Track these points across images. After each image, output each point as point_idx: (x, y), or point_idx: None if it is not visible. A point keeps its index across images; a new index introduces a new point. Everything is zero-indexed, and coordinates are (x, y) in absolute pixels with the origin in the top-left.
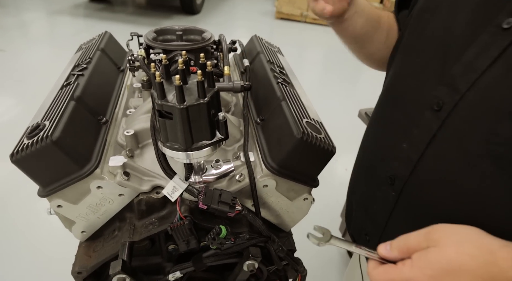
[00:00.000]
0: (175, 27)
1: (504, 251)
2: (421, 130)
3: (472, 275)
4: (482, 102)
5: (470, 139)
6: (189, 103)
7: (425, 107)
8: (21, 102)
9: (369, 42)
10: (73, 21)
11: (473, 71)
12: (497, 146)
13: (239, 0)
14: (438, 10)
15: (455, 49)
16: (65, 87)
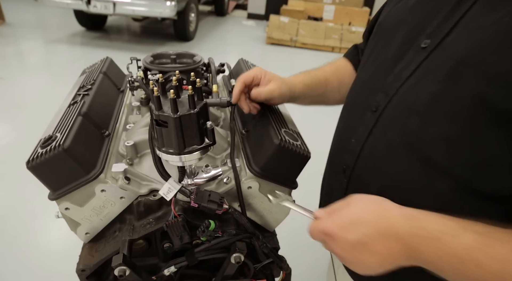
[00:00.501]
0: (169, 52)
1: (396, 209)
2: (363, 127)
3: (368, 225)
4: (400, 103)
5: (391, 132)
6: (181, 113)
7: (368, 109)
8: (19, 127)
9: (323, 101)
10: (70, 49)
11: (399, 80)
12: (407, 136)
13: (231, 27)
14: (383, 35)
15: (391, 64)
16: (72, 105)
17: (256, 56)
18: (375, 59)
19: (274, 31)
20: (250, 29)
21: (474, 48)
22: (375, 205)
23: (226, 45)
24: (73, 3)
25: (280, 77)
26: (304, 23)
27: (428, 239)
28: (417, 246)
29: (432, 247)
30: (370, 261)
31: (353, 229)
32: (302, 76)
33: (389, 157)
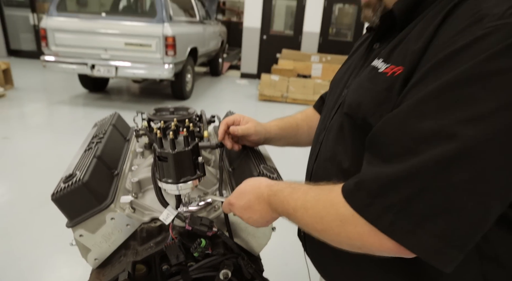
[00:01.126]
0: (169, 106)
1: (265, 182)
2: (323, 128)
3: (249, 193)
4: (344, 103)
5: (335, 124)
6: (178, 150)
7: (318, 143)
8: (21, 184)
9: (296, 143)
10: (72, 110)
11: (347, 88)
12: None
13: (225, 85)
14: (331, 89)
15: (347, 81)
16: (87, 150)
17: (250, 112)
18: (334, 83)
19: (266, 88)
20: (243, 87)
21: (349, 97)
22: (254, 181)
23: (220, 103)
24: (78, 68)
25: (257, 121)
26: (293, 81)
27: (273, 196)
28: (271, 202)
29: (275, 201)
30: (256, 217)
31: (242, 197)
32: (276, 121)
33: (322, 171)
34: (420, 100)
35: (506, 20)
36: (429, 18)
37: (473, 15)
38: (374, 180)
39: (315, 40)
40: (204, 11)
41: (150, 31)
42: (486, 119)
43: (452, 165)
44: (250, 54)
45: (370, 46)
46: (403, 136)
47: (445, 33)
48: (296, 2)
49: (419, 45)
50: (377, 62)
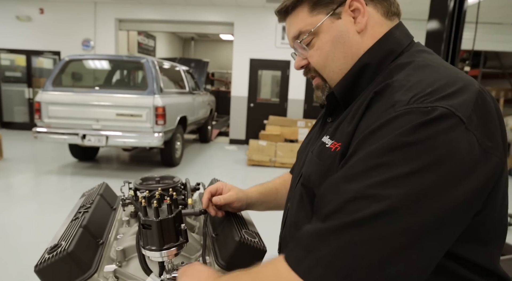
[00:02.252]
0: (154, 176)
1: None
2: (289, 196)
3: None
4: (302, 174)
5: (297, 193)
6: (161, 218)
7: (294, 184)
8: (6, 257)
9: (276, 207)
10: (60, 180)
11: (307, 155)
12: (301, 191)
13: (214, 151)
14: (305, 139)
15: (307, 153)
16: (74, 220)
17: (239, 177)
18: (292, 175)
19: (254, 153)
20: (232, 153)
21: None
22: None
23: (210, 169)
24: (69, 138)
25: (238, 188)
26: (281, 145)
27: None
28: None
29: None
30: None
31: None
32: (256, 187)
33: (289, 235)
34: (350, 166)
35: (411, 106)
36: (360, 102)
37: (387, 103)
38: (310, 235)
39: (300, 106)
40: (193, 82)
41: (141, 102)
42: (401, 182)
43: (373, 222)
44: (238, 121)
45: (324, 120)
46: (335, 197)
47: (368, 116)
48: (280, 72)
49: (351, 128)
50: (325, 138)
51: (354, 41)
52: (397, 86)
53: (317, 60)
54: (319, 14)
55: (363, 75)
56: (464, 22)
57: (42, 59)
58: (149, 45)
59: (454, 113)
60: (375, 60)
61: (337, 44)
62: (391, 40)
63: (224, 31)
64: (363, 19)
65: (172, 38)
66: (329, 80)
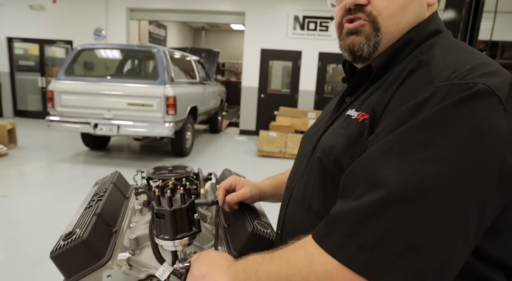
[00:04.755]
0: (167, 165)
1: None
2: (286, 198)
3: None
4: (317, 150)
5: (305, 171)
6: (175, 207)
7: (289, 189)
8: (20, 243)
9: None
10: (72, 168)
11: (320, 136)
12: (300, 195)
13: (224, 142)
14: (312, 126)
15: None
16: (88, 208)
17: (249, 168)
18: (297, 157)
19: (264, 144)
20: (242, 144)
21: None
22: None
23: (220, 159)
24: (81, 127)
25: (252, 182)
26: (291, 137)
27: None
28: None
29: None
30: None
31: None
32: (269, 180)
33: (294, 213)
34: (387, 141)
35: (451, 82)
36: (393, 77)
37: (425, 78)
38: (346, 218)
39: (311, 97)
40: (204, 72)
41: (152, 92)
42: (443, 159)
43: (415, 202)
44: (249, 112)
45: (342, 99)
46: (371, 175)
47: (403, 91)
48: (291, 63)
49: (384, 100)
50: (351, 111)
51: (424, 9)
52: (434, 64)
53: (386, 5)
54: None
55: (404, 51)
56: (482, 12)
57: (54, 49)
58: (160, 35)
59: (494, 92)
60: (420, 38)
61: (414, 1)
62: (438, 20)
63: (235, 21)
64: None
65: (183, 28)
66: (383, 33)
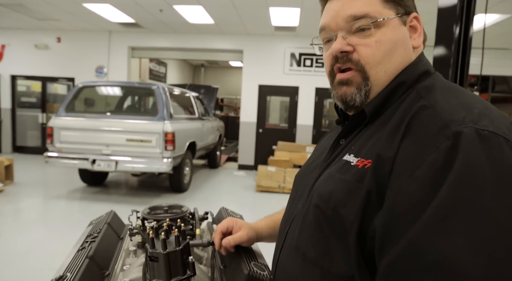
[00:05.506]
0: (163, 205)
1: None
2: (287, 219)
3: None
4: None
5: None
6: (169, 250)
7: (295, 206)
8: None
9: None
10: (68, 205)
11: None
12: (308, 214)
13: (223, 177)
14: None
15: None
16: (81, 250)
17: (247, 203)
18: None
19: (263, 179)
20: (240, 178)
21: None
22: None
23: (218, 195)
24: (80, 163)
25: (249, 224)
26: (290, 171)
27: None
28: None
29: None
30: None
31: None
32: (265, 220)
33: (287, 260)
34: (435, 213)
35: (468, 125)
36: (394, 124)
37: (436, 122)
38: None
39: (309, 132)
40: (203, 108)
41: (151, 128)
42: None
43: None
44: (247, 147)
45: (336, 141)
46: (439, 259)
47: (415, 138)
48: (289, 98)
49: (392, 151)
50: (349, 156)
51: (410, 53)
52: (440, 108)
53: (372, 53)
54: (390, 9)
55: (396, 93)
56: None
57: (56, 85)
58: (160, 72)
59: (508, 139)
60: (411, 79)
61: (399, 46)
62: (425, 61)
63: (234, 58)
64: (420, 38)
65: (183, 65)
66: (373, 81)
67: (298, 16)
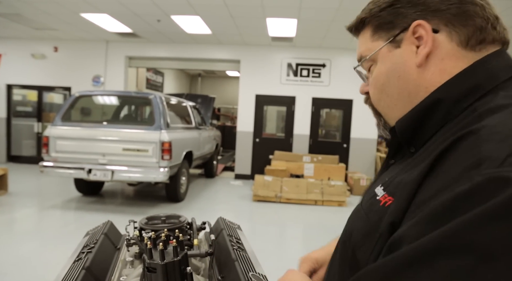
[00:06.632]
0: (160, 215)
1: None
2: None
3: None
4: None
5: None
6: (167, 261)
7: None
8: None
9: None
10: (63, 215)
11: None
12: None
13: (219, 187)
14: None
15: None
16: (77, 261)
17: (244, 213)
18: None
19: (260, 189)
20: (237, 188)
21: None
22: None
23: (215, 204)
24: (75, 172)
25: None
26: (287, 181)
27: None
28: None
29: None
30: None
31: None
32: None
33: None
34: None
35: (506, 169)
36: (429, 151)
37: (469, 159)
38: None
39: (305, 141)
40: (200, 117)
41: (148, 137)
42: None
43: None
44: (244, 156)
45: (387, 162)
46: None
47: (439, 175)
48: (285, 108)
49: (411, 186)
50: (379, 188)
51: (411, 76)
52: (485, 134)
53: (372, 92)
54: (379, 39)
55: (434, 114)
56: None
57: (53, 95)
58: (157, 81)
59: None
60: (452, 96)
61: (391, 77)
62: (479, 72)
63: (231, 68)
64: (424, 50)
65: (180, 75)
66: (384, 115)
67: (295, 27)
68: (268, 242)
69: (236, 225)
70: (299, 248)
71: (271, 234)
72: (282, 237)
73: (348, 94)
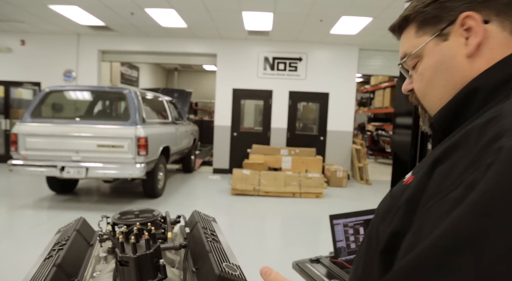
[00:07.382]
0: (134, 209)
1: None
2: None
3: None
4: None
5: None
6: (139, 254)
7: None
8: None
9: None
10: (35, 214)
11: None
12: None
13: (198, 181)
14: None
15: None
16: (47, 259)
17: (223, 207)
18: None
19: (238, 183)
20: (216, 182)
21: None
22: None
23: (193, 199)
24: (47, 170)
25: None
26: (265, 174)
27: None
28: None
29: None
30: None
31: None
32: None
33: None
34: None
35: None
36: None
37: (489, 133)
38: None
39: (283, 134)
40: (176, 112)
41: (123, 133)
42: None
43: None
44: (222, 151)
45: None
46: None
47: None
48: (263, 101)
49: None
50: (409, 173)
51: (460, 67)
52: (506, 112)
53: (418, 87)
54: (424, 35)
55: (471, 103)
56: None
57: (21, 90)
58: (132, 76)
59: None
60: (489, 84)
61: (438, 70)
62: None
63: (207, 62)
64: (475, 40)
65: (156, 69)
66: (428, 110)
67: (271, 20)
68: (247, 235)
69: (211, 218)
70: (278, 240)
71: (250, 227)
72: (261, 230)
73: (324, 88)
